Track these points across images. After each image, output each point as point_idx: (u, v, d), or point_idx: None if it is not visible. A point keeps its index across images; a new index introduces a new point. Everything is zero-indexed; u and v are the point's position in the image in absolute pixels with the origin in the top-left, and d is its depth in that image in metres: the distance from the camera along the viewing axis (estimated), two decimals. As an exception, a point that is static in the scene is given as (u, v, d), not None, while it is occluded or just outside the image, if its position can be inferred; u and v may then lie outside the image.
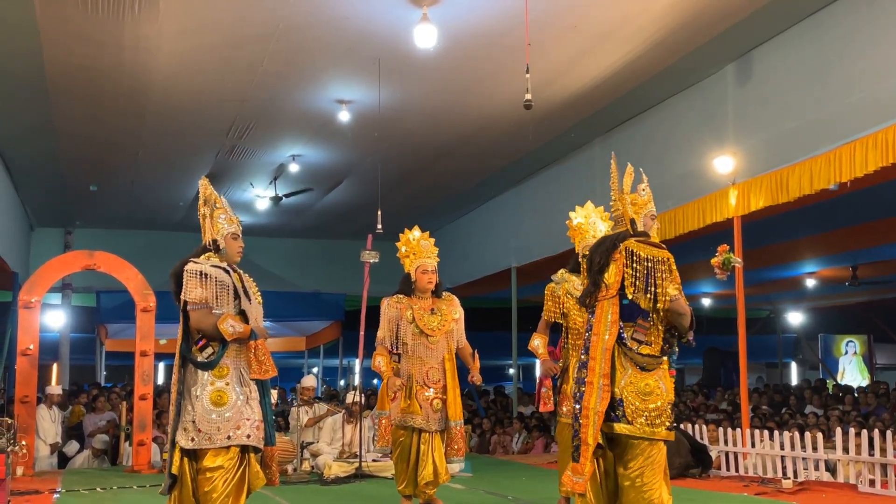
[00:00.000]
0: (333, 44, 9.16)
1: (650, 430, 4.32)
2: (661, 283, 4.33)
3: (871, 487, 7.87)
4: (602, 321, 4.44)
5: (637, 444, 4.33)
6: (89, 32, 8.73)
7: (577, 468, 4.34)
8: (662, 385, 4.38)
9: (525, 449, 12.94)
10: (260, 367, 4.88)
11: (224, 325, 4.75)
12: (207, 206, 5.14)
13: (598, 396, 4.33)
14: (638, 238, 4.51)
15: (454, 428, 6.48)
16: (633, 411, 4.32)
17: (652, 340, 4.40)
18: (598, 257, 4.54)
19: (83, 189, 14.93)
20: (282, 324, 19.70)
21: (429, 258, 6.64)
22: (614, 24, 8.74)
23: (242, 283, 4.99)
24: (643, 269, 4.36)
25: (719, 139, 9.73)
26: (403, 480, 6.45)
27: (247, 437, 4.77)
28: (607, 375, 4.35)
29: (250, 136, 12.11)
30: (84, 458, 11.59)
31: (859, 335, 20.92)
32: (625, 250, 4.44)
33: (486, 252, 16.05)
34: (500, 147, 12.73)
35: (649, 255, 4.39)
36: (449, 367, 6.50)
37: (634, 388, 4.34)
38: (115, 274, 10.69)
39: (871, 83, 7.90)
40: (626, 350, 4.39)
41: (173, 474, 4.81)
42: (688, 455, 9.09)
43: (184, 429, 4.77)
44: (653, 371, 4.38)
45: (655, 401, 4.35)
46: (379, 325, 6.57)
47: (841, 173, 7.91)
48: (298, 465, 9.78)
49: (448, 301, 6.68)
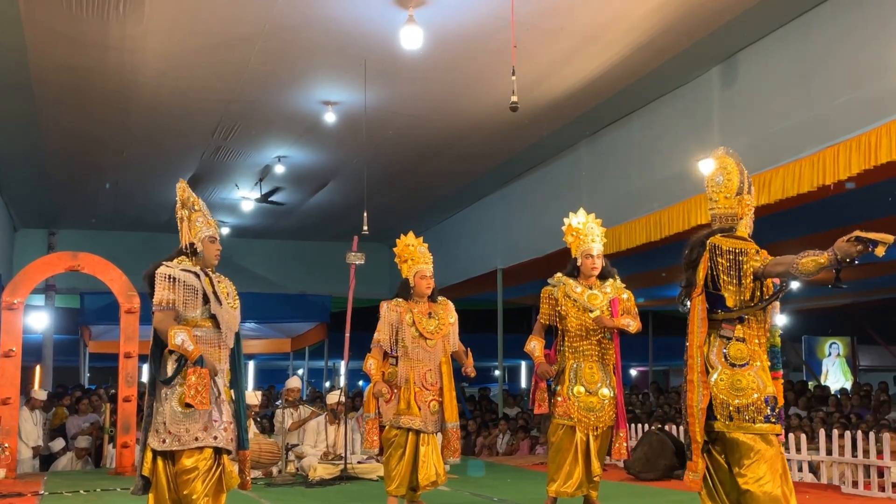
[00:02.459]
0: (319, 45, 9.15)
1: (747, 425, 4.29)
2: (745, 273, 4.32)
3: (854, 489, 7.91)
4: (693, 319, 4.46)
5: (735, 440, 4.31)
6: (74, 32, 8.69)
7: (692, 466, 4.40)
8: (759, 380, 4.34)
9: (510, 450, 12.95)
10: (193, 394, 4.62)
11: (173, 333, 4.68)
12: (185, 209, 5.11)
13: (699, 394, 4.35)
14: (723, 234, 4.49)
15: (450, 429, 6.57)
16: (725, 408, 4.32)
17: (746, 337, 4.40)
18: (691, 254, 4.56)
19: (67, 189, 14.86)
20: (267, 325, 19.68)
21: (426, 264, 6.75)
22: (600, 26, 8.76)
23: (213, 287, 4.94)
24: (726, 261, 4.36)
25: (704, 142, 9.76)
26: (396, 480, 6.47)
27: (214, 438, 4.75)
28: (703, 373, 4.36)
29: (236, 136, 12.09)
30: (67, 460, 11.53)
31: (843, 337, 21.03)
32: (710, 246, 4.44)
33: (472, 254, 16.06)
34: (486, 149, 12.74)
35: (732, 248, 4.38)
36: (445, 370, 6.60)
37: (726, 384, 4.34)
38: (99, 275, 10.63)
39: (855, 86, 7.96)
40: (714, 347, 4.42)
41: (144, 476, 4.83)
42: (673, 457, 9.11)
43: (155, 430, 4.78)
44: (745, 367, 4.36)
45: (750, 395, 4.31)
46: (376, 327, 6.64)
47: (825, 176, 7.95)
48: (283, 467, 9.74)
49: (444, 305, 6.79)
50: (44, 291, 17.55)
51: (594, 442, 6.04)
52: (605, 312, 6.12)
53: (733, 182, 4.57)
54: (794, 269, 4.14)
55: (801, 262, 4.10)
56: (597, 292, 6.20)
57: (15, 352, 10.04)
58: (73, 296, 17.80)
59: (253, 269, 18.57)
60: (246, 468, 5.07)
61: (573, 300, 6.14)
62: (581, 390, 6.04)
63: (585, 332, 6.11)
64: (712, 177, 4.66)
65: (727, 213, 4.58)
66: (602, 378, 6.10)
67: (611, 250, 8.71)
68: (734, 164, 4.60)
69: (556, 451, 6.09)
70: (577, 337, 6.13)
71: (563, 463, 6.02)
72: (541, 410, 6.26)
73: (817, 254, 4.07)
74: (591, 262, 6.21)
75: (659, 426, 10.11)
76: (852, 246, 3.93)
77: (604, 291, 6.22)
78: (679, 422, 10.46)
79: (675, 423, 10.41)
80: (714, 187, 4.62)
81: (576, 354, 6.13)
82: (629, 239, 10.81)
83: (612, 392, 6.11)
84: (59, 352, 18.67)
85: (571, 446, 6.02)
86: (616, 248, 10.54)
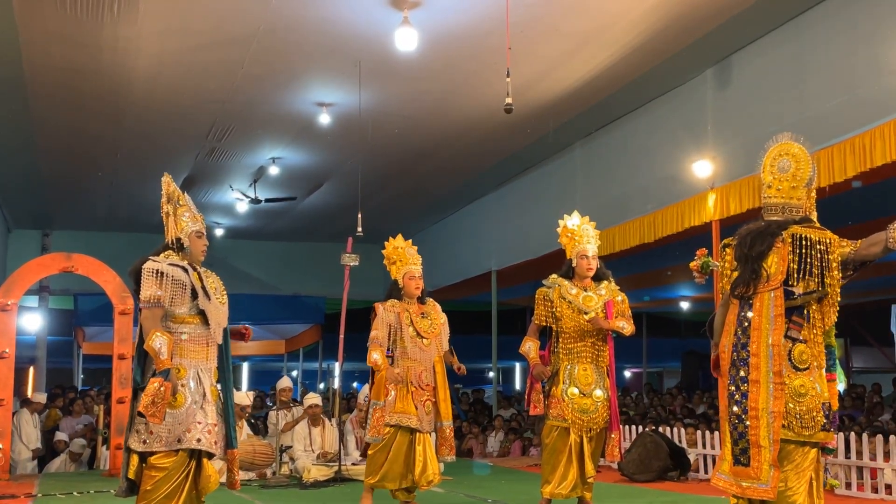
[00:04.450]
0: (314, 46, 9.15)
1: (806, 433, 4.09)
2: (832, 267, 4.10)
3: (847, 490, 7.94)
4: (764, 315, 4.15)
5: (784, 447, 4.09)
6: (68, 33, 8.68)
7: (746, 472, 4.10)
8: (818, 386, 4.13)
9: (503, 452, 12.95)
10: (147, 404, 4.50)
11: (152, 338, 4.61)
12: (171, 204, 5.04)
13: (769, 395, 4.08)
14: (803, 224, 4.23)
15: (445, 428, 6.64)
16: (787, 413, 4.07)
17: (808, 338, 4.17)
18: (759, 244, 4.20)
19: (61, 190, 14.83)
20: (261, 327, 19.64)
21: (415, 265, 6.81)
22: (594, 29, 8.77)
23: (202, 282, 4.87)
24: (816, 252, 4.11)
25: (698, 143, 9.78)
26: (377, 474, 6.50)
27: (196, 440, 4.70)
28: (779, 373, 4.08)
29: (230, 138, 12.07)
30: (61, 461, 11.50)
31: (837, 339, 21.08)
32: (792, 237, 4.16)
33: (467, 255, 16.06)
34: (481, 150, 12.75)
35: (821, 238, 4.14)
36: (439, 370, 6.66)
37: (788, 388, 4.09)
38: (93, 276, 10.61)
39: (849, 88, 7.97)
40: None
41: (130, 479, 4.76)
42: (666, 458, 9.13)
43: (136, 431, 4.70)
44: (807, 370, 4.13)
45: (809, 402, 4.09)
46: (371, 326, 6.65)
47: (819, 178, 7.94)
48: (277, 469, 9.73)
49: (433, 306, 6.86)
50: (37, 293, 17.49)
51: (588, 443, 6.05)
52: (600, 314, 6.13)
53: (804, 171, 4.32)
54: (891, 243, 3.95)
55: (895, 235, 3.94)
56: (591, 294, 6.21)
57: (8, 353, 10.03)
58: (67, 297, 17.75)
59: (247, 271, 18.54)
60: (234, 467, 5.03)
61: (568, 302, 6.15)
62: (575, 392, 6.04)
63: (580, 334, 6.12)
64: (774, 162, 4.38)
65: (793, 203, 4.30)
66: (596, 380, 6.11)
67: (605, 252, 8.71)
68: (805, 154, 4.35)
69: (551, 453, 6.10)
70: (572, 338, 6.13)
71: (558, 464, 6.03)
72: (536, 412, 6.27)
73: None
74: (587, 263, 6.22)
75: (653, 428, 10.12)
76: None
77: (598, 293, 6.23)
78: (672, 424, 10.47)
79: (668, 424, 10.42)
80: (777, 174, 4.35)
81: (570, 356, 6.13)
82: (623, 240, 10.82)
83: (606, 394, 6.12)
84: (52, 353, 18.61)
85: (566, 448, 6.02)
86: (610, 249, 10.55)
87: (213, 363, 4.95)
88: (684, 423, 10.42)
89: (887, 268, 14.23)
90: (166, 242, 4.99)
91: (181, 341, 4.80)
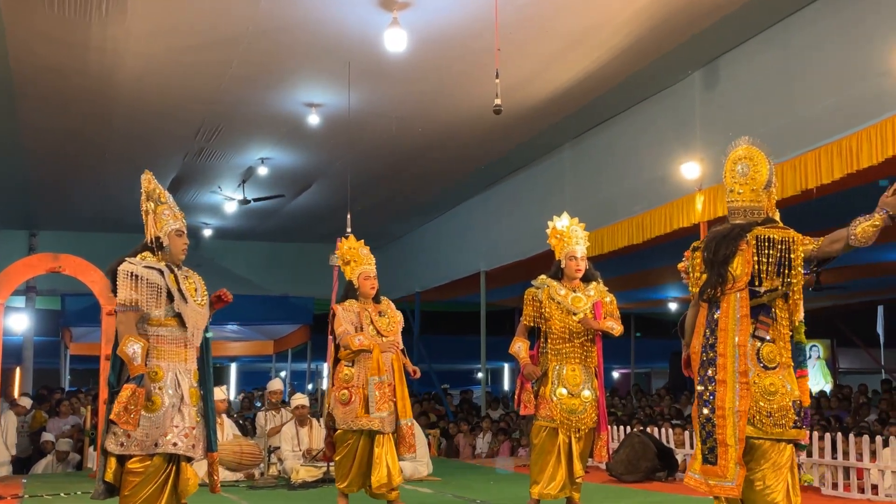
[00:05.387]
0: (303, 47, 9.14)
1: (777, 430, 4.14)
2: (795, 265, 4.15)
3: (833, 490, 7.97)
4: (730, 316, 4.21)
5: (760, 445, 4.15)
6: (56, 33, 8.65)
7: (714, 470, 4.17)
8: (788, 384, 4.18)
9: (491, 452, 12.96)
10: (120, 412, 4.47)
11: (126, 343, 4.57)
12: (151, 202, 4.96)
13: (735, 395, 4.13)
14: (766, 225, 4.29)
15: (404, 426, 6.55)
16: (758, 412, 4.13)
17: (776, 337, 4.21)
18: (724, 248, 4.25)
19: (48, 191, 14.76)
20: (249, 327, 19.59)
21: (369, 265, 6.78)
22: (583, 30, 8.80)
23: (178, 284, 4.79)
24: (779, 251, 4.16)
25: (686, 145, 9.82)
26: (346, 479, 6.49)
27: (173, 444, 4.66)
28: (745, 373, 4.13)
29: (219, 138, 12.05)
30: (47, 462, 11.45)
31: (823, 340, 21.17)
32: (756, 239, 4.21)
33: (456, 256, 16.06)
34: (470, 151, 12.76)
35: (784, 237, 4.19)
36: (397, 367, 6.58)
37: (758, 387, 4.14)
38: (80, 277, 10.57)
39: (837, 90, 8.01)
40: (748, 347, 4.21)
41: (107, 482, 4.71)
42: (654, 458, 9.15)
43: (113, 433, 4.64)
44: (776, 369, 4.18)
45: (780, 400, 4.15)
46: (333, 326, 6.62)
47: (807, 180, 8.00)
48: (266, 470, 9.72)
49: (388, 304, 6.83)
50: (24, 293, 17.45)
51: (576, 444, 6.06)
52: (589, 315, 6.14)
53: (762, 173, 4.36)
54: (852, 240, 4.02)
55: (858, 232, 4.00)
56: (580, 295, 6.22)
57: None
58: (54, 297, 17.66)
59: (235, 271, 18.50)
60: (215, 470, 5.00)
61: (557, 302, 6.16)
62: (563, 392, 6.05)
63: (569, 335, 6.13)
64: (734, 167, 4.42)
65: (754, 206, 4.35)
66: (584, 380, 6.12)
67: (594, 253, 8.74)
68: (762, 156, 4.39)
69: (539, 453, 6.10)
70: (560, 339, 6.14)
71: (546, 465, 6.03)
72: (527, 412, 6.27)
73: (867, 218, 4.00)
74: (575, 264, 6.23)
75: (641, 428, 10.14)
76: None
77: (587, 294, 6.24)
78: (660, 424, 10.49)
79: (656, 425, 10.44)
80: (738, 178, 4.39)
81: (558, 356, 6.14)
82: (612, 242, 10.85)
83: (594, 394, 6.13)
84: (39, 354, 18.54)
85: (554, 448, 6.03)
86: (599, 250, 10.58)
87: (193, 365, 4.88)
88: (672, 424, 10.45)
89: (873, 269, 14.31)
90: (145, 242, 4.92)
91: (158, 344, 4.74)
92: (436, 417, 15.44)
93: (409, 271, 17.90)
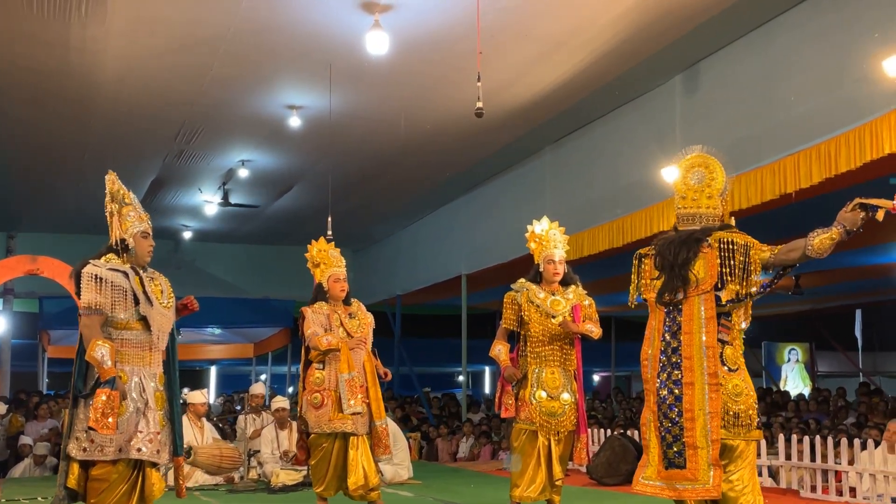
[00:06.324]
0: (285, 49, 9.12)
1: (743, 431, 4.16)
2: (754, 268, 4.16)
3: (812, 493, 8.02)
4: (695, 318, 4.20)
5: (735, 447, 4.16)
6: (35, 33, 8.59)
7: (682, 474, 4.16)
8: (747, 386, 4.21)
9: (472, 456, 12.96)
10: (97, 418, 4.40)
11: (93, 348, 4.48)
12: (115, 203, 4.83)
13: (704, 396, 4.12)
14: (726, 230, 4.30)
15: (379, 427, 6.54)
16: (726, 413, 4.13)
17: (733, 339, 4.23)
18: (684, 251, 4.24)
19: (27, 192, 14.64)
20: (230, 330, 19.51)
21: (339, 267, 6.80)
22: (564, 34, 8.82)
23: (143, 287, 4.71)
24: (740, 255, 4.15)
25: (667, 149, 9.83)
26: (323, 482, 6.47)
27: (138, 450, 4.59)
28: (714, 374, 4.11)
29: (199, 140, 12.00)
30: (25, 466, 11.36)
31: (802, 343, 21.29)
32: (719, 241, 4.20)
33: (437, 259, 16.05)
34: (451, 154, 12.77)
35: (745, 242, 4.19)
36: (369, 369, 6.58)
37: (724, 389, 4.14)
38: (58, 279, 10.53)
39: (817, 95, 8.06)
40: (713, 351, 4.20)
41: (69, 488, 4.60)
42: (634, 461, 9.15)
43: (76, 438, 4.57)
44: (738, 371, 4.20)
45: (746, 400, 4.18)
46: (303, 328, 6.64)
47: (786, 184, 8.05)
48: (245, 474, 9.67)
49: (359, 306, 6.81)
50: (2, 295, 17.29)
51: (556, 446, 6.07)
52: (568, 318, 6.16)
53: (718, 181, 4.41)
54: (809, 251, 4.04)
55: (815, 243, 4.02)
56: (559, 298, 6.23)
57: (-29, 356, 9.90)
58: (32, 300, 17.52)
59: (215, 274, 18.41)
60: (181, 475, 4.95)
61: (536, 306, 6.18)
62: (543, 395, 6.06)
63: (548, 338, 6.14)
64: (687, 174, 4.48)
65: (708, 212, 4.39)
66: (564, 383, 6.13)
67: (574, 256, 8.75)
68: (717, 163, 4.45)
69: (520, 456, 6.11)
70: (540, 342, 6.15)
71: (526, 468, 6.04)
72: (507, 414, 6.27)
73: (825, 231, 4.03)
74: (553, 268, 6.24)
75: (621, 431, 10.16)
76: (856, 214, 3.94)
77: (566, 297, 6.25)
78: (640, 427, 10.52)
79: (636, 428, 10.47)
80: (692, 185, 4.45)
81: (538, 360, 6.15)
82: (592, 245, 10.87)
83: (574, 397, 6.14)
84: (16, 357, 18.38)
85: (534, 451, 6.04)
86: (579, 254, 10.59)
87: (158, 368, 4.81)
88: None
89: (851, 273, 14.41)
90: (109, 244, 4.82)
91: (123, 347, 4.67)
92: (417, 421, 15.42)
93: (390, 274, 17.88)
